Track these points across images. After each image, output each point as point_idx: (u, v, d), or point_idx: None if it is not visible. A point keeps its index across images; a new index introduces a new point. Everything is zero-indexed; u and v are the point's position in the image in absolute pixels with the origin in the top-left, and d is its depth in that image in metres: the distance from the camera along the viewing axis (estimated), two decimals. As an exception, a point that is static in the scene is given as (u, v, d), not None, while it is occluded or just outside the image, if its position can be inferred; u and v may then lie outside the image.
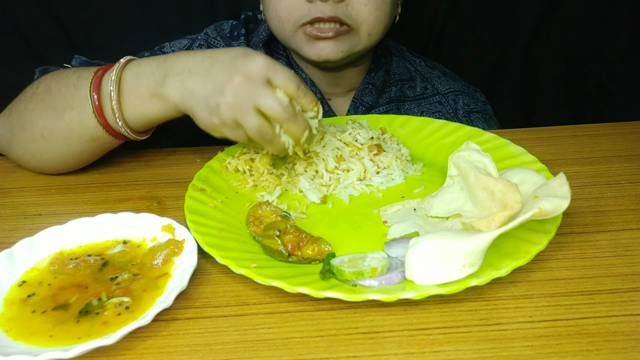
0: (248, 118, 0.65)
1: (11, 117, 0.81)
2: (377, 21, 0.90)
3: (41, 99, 0.78)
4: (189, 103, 0.69)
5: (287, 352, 0.50)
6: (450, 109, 1.07)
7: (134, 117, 0.74)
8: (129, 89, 0.73)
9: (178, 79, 0.69)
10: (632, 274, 0.57)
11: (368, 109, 1.04)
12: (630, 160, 0.79)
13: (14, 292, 0.58)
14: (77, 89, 0.75)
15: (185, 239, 0.62)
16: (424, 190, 0.75)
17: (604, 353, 0.48)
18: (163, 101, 0.72)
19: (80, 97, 0.74)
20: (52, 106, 0.76)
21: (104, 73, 0.74)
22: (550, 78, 1.42)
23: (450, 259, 0.53)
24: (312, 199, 0.73)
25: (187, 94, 0.69)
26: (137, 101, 0.73)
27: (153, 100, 0.72)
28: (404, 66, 1.10)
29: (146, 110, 0.73)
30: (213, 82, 0.67)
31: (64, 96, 0.76)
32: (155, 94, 0.71)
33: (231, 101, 0.65)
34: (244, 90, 0.65)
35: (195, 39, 1.03)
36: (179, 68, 0.70)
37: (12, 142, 0.81)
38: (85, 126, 0.75)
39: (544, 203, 0.54)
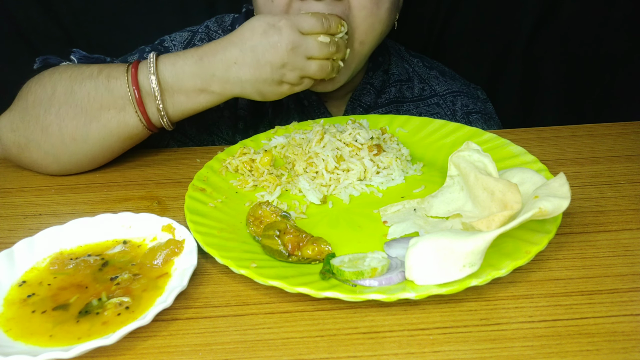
0: (309, 68, 0.78)
1: (24, 121, 0.79)
2: (370, 28, 0.87)
3: (65, 102, 0.77)
4: (253, 88, 0.78)
5: (287, 352, 0.50)
6: (448, 111, 1.06)
7: (180, 112, 0.80)
8: (171, 88, 0.78)
9: (232, 76, 0.77)
10: (632, 274, 0.57)
11: (366, 109, 1.03)
12: (630, 160, 0.79)
13: (14, 292, 0.58)
14: (110, 90, 0.77)
15: (185, 239, 0.62)
16: (424, 190, 0.75)
17: (604, 353, 0.48)
18: (215, 95, 0.79)
19: (116, 97, 0.77)
20: (83, 109, 0.77)
21: (137, 71, 0.77)
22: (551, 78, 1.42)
23: (450, 259, 0.53)
24: (311, 200, 0.73)
25: (247, 84, 0.77)
26: (184, 98, 0.79)
27: (203, 96, 0.79)
28: (402, 66, 1.09)
29: (194, 104, 0.80)
30: (266, 66, 0.76)
31: (95, 98, 0.77)
32: (206, 90, 0.78)
33: (291, 66, 0.76)
34: (295, 54, 0.76)
35: (196, 32, 1.02)
36: (222, 66, 0.77)
37: (29, 147, 0.80)
38: (125, 125, 0.78)
39: (544, 203, 0.54)
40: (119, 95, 0.77)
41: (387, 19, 0.89)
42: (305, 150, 0.79)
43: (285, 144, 0.83)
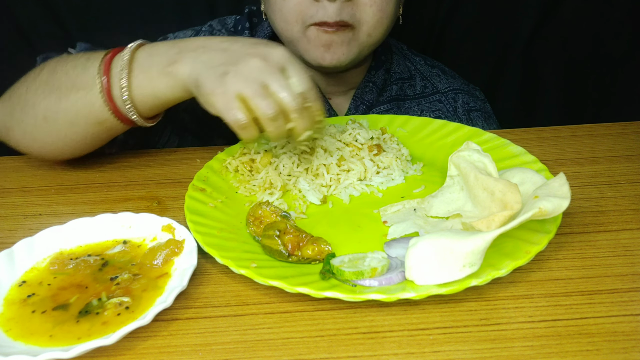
0: (254, 89, 0.62)
1: (11, 100, 0.78)
2: (378, 23, 0.90)
3: (45, 81, 0.75)
4: (197, 73, 0.66)
5: (287, 352, 0.50)
6: (450, 108, 1.07)
7: (141, 96, 0.72)
8: (139, 68, 0.71)
9: (192, 55, 0.68)
10: (632, 274, 0.57)
11: (369, 107, 1.04)
12: (630, 160, 0.79)
13: (14, 292, 0.58)
14: (85, 69, 0.73)
15: (185, 239, 0.62)
16: (424, 190, 0.75)
17: (604, 353, 0.48)
18: (172, 77, 0.69)
19: (88, 77, 0.72)
20: (57, 87, 0.74)
21: (114, 54, 0.73)
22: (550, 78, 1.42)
23: (450, 259, 0.53)
24: (311, 200, 0.73)
25: (197, 66, 0.66)
26: (145, 80, 0.71)
27: (161, 78, 0.70)
28: (404, 65, 1.10)
29: (153, 89, 0.71)
30: (228, 55, 0.66)
31: (70, 77, 0.73)
32: (165, 71, 0.69)
33: (242, 72, 0.63)
34: (258, 67, 0.63)
35: (200, 31, 1.02)
36: (194, 46, 0.69)
37: (12, 126, 0.78)
38: (91, 107, 0.73)
39: (544, 203, 0.54)
40: (91, 74, 0.72)
41: (393, 14, 0.93)
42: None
43: (285, 144, 0.83)
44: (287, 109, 0.64)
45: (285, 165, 0.77)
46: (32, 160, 0.88)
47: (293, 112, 0.64)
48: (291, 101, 0.63)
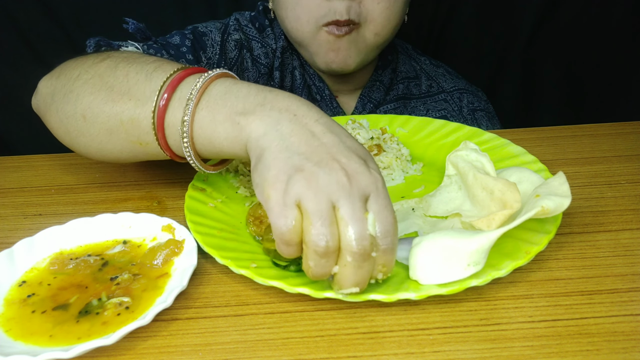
0: (320, 206, 0.47)
1: (59, 79, 0.69)
2: (385, 21, 0.90)
3: (100, 74, 0.64)
4: (268, 144, 0.51)
5: (287, 352, 0.50)
6: (455, 107, 1.07)
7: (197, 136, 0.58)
8: (207, 103, 0.57)
9: (274, 116, 0.53)
10: (632, 274, 0.57)
11: (376, 105, 1.04)
12: (630, 160, 0.79)
13: (14, 292, 0.58)
14: (149, 79, 0.61)
15: (185, 239, 0.62)
16: (423, 190, 0.75)
17: (604, 353, 0.48)
18: (237, 129, 0.54)
19: (147, 89, 0.60)
20: (110, 86, 0.63)
21: (188, 74, 0.60)
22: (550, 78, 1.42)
23: (454, 258, 0.53)
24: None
25: (274, 136, 0.51)
26: (207, 119, 0.57)
27: (226, 125, 0.55)
28: (409, 64, 1.11)
29: (212, 132, 0.57)
30: (314, 147, 0.50)
31: (129, 82, 0.62)
32: (234, 119, 0.55)
33: (318, 179, 0.48)
34: (339, 183, 0.48)
35: (227, 24, 1.01)
36: (282, 105, 0.54)
37: (51, 109, 0.69)
38: (136, 124, 0.61)
39: (546, 202, 0.54)
40: (150, 87, 0.60)
41: (401, 12, 0.93)
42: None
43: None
44: (345, 250, 0.48)
45: None
46: (32, 160, 0.89)
47: (349, 255, 0.48)
48: (354, 241, 0.47)
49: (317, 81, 1.02)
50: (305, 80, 1.02)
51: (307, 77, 1.03)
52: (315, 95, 1.03)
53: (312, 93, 1.03)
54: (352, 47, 0.90)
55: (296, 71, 1.02)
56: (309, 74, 1.02)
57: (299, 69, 1.02)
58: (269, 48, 1.00)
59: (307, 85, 1.02)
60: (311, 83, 1.03)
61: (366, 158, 0.52)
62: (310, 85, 1.02)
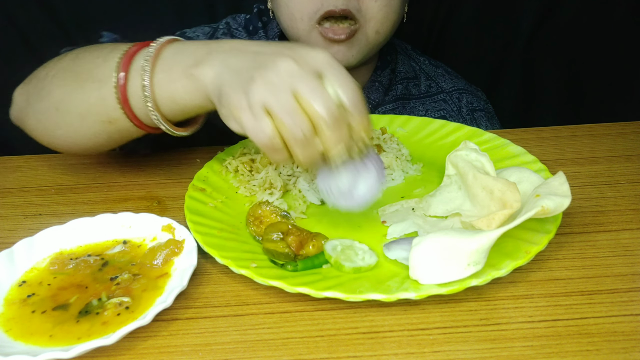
0: (281, 100, 0.50)
1: (30, 84, 0.74)
2: (385, 18, 0.89)
3: (64, 67, 0.69)
4: (221, 81, 0.55)
5: (287, 352, 0.50)
6: (454, 107, 1.07)
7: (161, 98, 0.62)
8: (162, 65, 0.61)
9: (221, 57, 0.57)
10: (632, 274, 0.57)
11: (375, 106, 1.04)
12: (630, 160, 0.79)
13: (14, 292, 0.58)
14: (106, 60, 0.65)
15: (185, 239, 0.62)
16: (423, 190, 0.75)
17: (604, 353, 0.48)
18: (192, 81, 0.59)
19: (106, 68, 0.64)
20: (74, 76, 0.67)
21: (140, 48, 0.64)
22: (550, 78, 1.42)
23: (454, 258, 0.53)
24: (312, 200, 0.73)
25: (223, 71, 0.55)
26: (165, 79, 0.61)
27: (181, 80, 0.60)
28: (408, 64, 1.11)
29: (172, 91, 0.61)
30: (256, 59, 0.54)
31: (90, 67, 0.66)
32: (188, 72, 0.59)
33: (270, 78, 0.51)
34: (289, 71, 0.51)
35: (217, 28, 1.02)
36: (227, 47, 0.59)
37: (27, 111, 0.73)
38: (103, 103, 0.65)
39: (546, 202, 0.54)
40: (109, 66, 0.64)
41: (399, 9, 0.92)
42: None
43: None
44: (319, 124, 0.51)
45: (285, 165, 0.77)
46: (32, 160, 0.89)
47: (326, 128, 0.51)
48: (324, 113, 0.50)
49: None
50: None
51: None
52: None
53: None
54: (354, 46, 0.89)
55: None
56: None
57: None
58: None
59: None
60: None
61: (305, 46, 0.55)
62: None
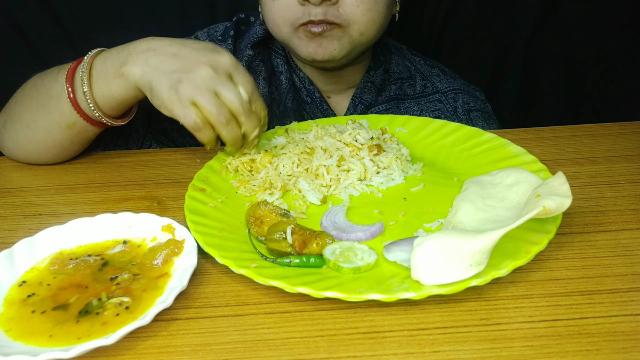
0: (207, 97, 0.69)
1: (5, 113, 0.87)
2: (369, 22, 0.91)
3: (28, 94, 0.84)
4: (149, 77, 0.72)
5: (287, 352, 0.50)
6: (449, 107, 1.07)
7: (102, 98, 0.77)
8: (97, 73, 0.77)
9: (142, 57, 0.73)
10: (632, 274, 0.57)
11: (367, 107, 1.04)
12: (630, 160, 0.79)
13: (14, 292, 0.58)
14: (56, 80, 0.80)
15: (185, 239, 0.62)
16: (423, 188, 0.75)
17: (604, 353, 0.48)
18: (124, 79, 0.74)
19: (58, 86, 0.79)
20: (36, 98, 0.82)
21: (77, 64, 0.79)
22: (550, 78, 1.42)
23: (457, 259, 0.52)
24: (311, 201, 0.73)
25: (149, 70, 0.72)
26: (103, 83, 0.76)
27: (116, 80, 0.75)
28: (403, 65, 1.10)
29: (110, 90, 0.76)
30: (179, 62, 0.71)
31: (46, 89, 0.81)
32: (118, 73, 0.74)
33: (194, 81, 0.69)
34: (209, 76, 0.70)
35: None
36: (143, 48, 0.74)
37: (5, 137, 0.87)
38: (62, 113, 0.79)
39: (547, 202, 0.54)
40: (60, 84, 0.78)
41: (385, 12, 0.93)
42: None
43: (284, 145, 0.83)
44: (237, 114, 0.71)
45: (285, 165, 0.77)
46: (32, 160, 0.89)
47: (242, 116, 0.72)
48: (239, 107, 0.71)
49: (307, 84, 1.02)
50: (294, 83, 1.02)
51: (296, 81, 1.03)
52: (306, 98, 1.02)
53: (301, 96, 1.02)
54: (335, 41, 0.90)
55: (282, 76, 1.02)
56: (300, 77, 1.02)
57: (285, 74, 1.02)
58: None
59: (295, 89, 1.02)
60: (301, 86, 1.02)
61: (215, 48, 0.74)
62: (300, 88, 1.03)
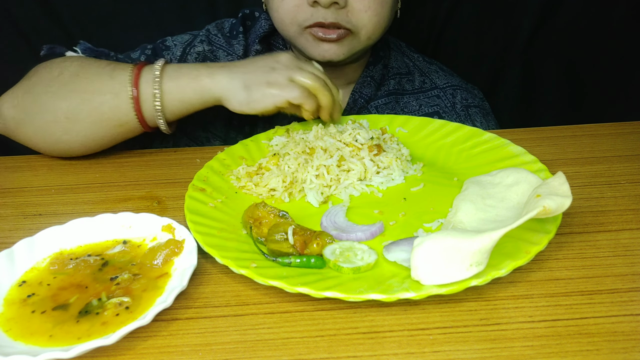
0: (300, 73, 0.79)
1: (24, 98, 0.83)
2: (376, 26, 0.92)
3: (65, 83, 0.82)
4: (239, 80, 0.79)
5: (287, 352, 0.50)
6: (448, 103, 1.08)
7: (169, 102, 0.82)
8: (168, 77, 0.81)
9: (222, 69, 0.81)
10: (632, 274, 0.57)
11: (367, 101, 1.05)
12: (630, 160, 0.79)
13: (14, 292, 0.58)
14: (112, 78, 0.81)
15: (185, 239, 0.62)
16: (423, 188, 0.75)
17: (604, 353, 0.48)
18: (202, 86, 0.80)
19: (116, 84, 0.81)
20: (79, 91, 0.81)
21: (143, 66, 0.82)
22: (550, 78, 1.42)
23: (457, 259, 0.52)
24: (311, 202, 0.72)
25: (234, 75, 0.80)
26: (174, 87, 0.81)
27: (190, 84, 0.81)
28: (402, 61, 1.11)
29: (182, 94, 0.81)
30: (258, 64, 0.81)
31: (95, 83, 0.82)
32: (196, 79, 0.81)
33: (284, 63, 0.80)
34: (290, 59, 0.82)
35: (197, 35, 1.04)
36: (219, 64, 0.83)
37: (25, 123, 0.83)
38: (116, 110, 0.81)
39: (547, 202, 0.54)
40: (119, 82, 0.80)
41: (390, 14, 0.95)
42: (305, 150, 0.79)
43: (285, 144, 0.83)
44: (315, 89, 0.79)
45: (291, 166, 0.77)
46: (32, 160, 0.89)
47: (319, 90, 0.80)
48: (324, 76, 0.82)
49: None
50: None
51: None
52: None
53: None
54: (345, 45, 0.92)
55: None
56: None
57: None
58: (235, 55, 1.03)
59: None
60: None
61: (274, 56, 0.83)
62: None
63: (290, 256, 0.60)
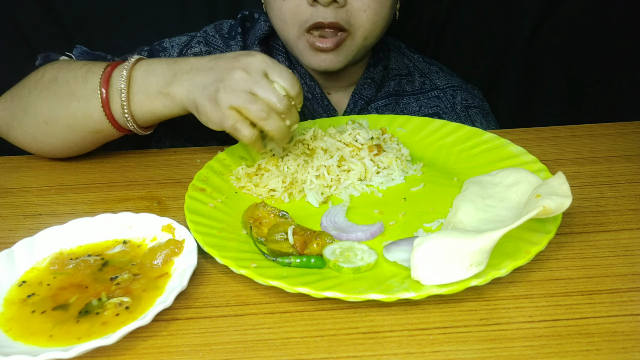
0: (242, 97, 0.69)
1: (13, 101, 0.84)
2: (373, 26, 0.92)
3: (46, 87, 0.81)
4: (193, 96, 0.72)
5: (287, 352, 0.50)
6: (448, 104, 1.08)
7: (140, 113, 0.78)
8: (138, 87, 0.77)
9: (186, 78, 0.74)
10: (632, 274, 0.57)
11: (367, 102, 1.05)
12: (630, 160, 0.79)
13: (14, 292, 0.58)
14: (85, 81, 0.79)
15: (185, 239, 0.62)
16: (423, 188, 0.75)
17: (604, 353, 0.48)
18: (169, 99, 0.75)
19: (88, 89, 0.78)
20: (58, 94, 0.80)
21: (113, 69, 0.78)
22: (550, 78, 1.42)
23: (457, 259, 0.52)
24: (311, 202, 0.72)
25: (192, 88, 0.73)
26: (144, 99, 0.77)
27: (160, 98, 0.76)
28: (402, 62, 1.11)
29: (152, 107, 0.77)
30: (216, 73, 0.71)
31: (71, 86, 0.79)
32: (163, 92, 0.75)
33: (229, 86, 0.69)
34: (243, 79, 0.69)
35: (194, 36, 1.04)
36: (187, 68, 0.75)
37: (14, 125, 0.84)
38: (89, 117, 0.79)
39: (547, 202, 0.54)
40: (90, 87, 0.78)
41: (389, 15, 0.95)
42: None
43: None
44: (277, 110, 0.69)
45: (290, 167, 0.77)
46: (32, 160, 0.89)
47: (282, 113, 0.70)
48: (277, 102, 0.69)
49: (307, 80, 1.03)
50: None
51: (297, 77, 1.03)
52: (307, 94, 1.03)
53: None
54: (340, 55, 0.92)
55: None
56: (300, 73, 1.03)
57: None
58: None
59: None
60: (302, 82, 1.03)
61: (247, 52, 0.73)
62: (301, 84, 1.03)
63: (290, 256, 0.60)
